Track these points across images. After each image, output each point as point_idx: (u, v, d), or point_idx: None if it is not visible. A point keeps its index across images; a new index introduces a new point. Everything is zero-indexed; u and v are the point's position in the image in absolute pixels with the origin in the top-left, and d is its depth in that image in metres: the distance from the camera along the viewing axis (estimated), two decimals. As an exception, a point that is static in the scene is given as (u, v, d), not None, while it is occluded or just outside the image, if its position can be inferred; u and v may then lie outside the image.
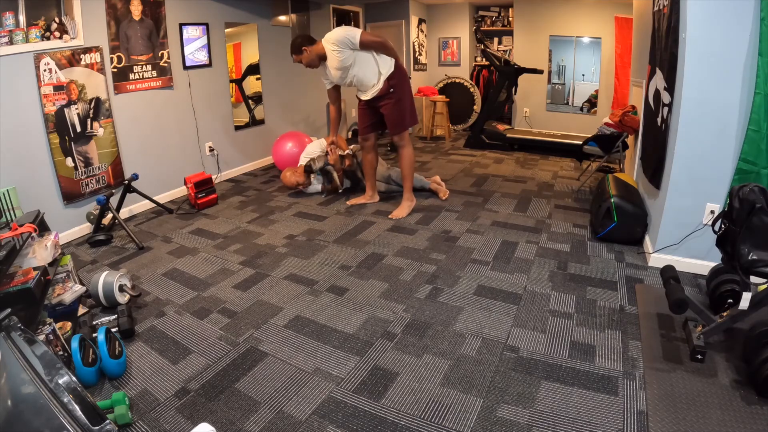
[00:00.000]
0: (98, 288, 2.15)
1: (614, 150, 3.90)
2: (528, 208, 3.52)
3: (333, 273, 2.56)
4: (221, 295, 2.36)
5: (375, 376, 1.73)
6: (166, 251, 2.91)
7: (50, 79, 2.90)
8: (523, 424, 1.49)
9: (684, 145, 2.31)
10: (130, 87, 3.47)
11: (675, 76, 2.35)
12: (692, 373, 1.69)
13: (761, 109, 2.07)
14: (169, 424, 1.53)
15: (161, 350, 1.92)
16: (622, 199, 2.80)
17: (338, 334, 2.00)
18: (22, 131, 2.81)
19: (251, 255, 2.81)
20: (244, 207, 3.72)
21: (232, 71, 4.48)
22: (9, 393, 1.14)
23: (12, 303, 1.58)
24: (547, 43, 6.21)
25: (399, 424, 1.50)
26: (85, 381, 1.68)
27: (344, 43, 3.04)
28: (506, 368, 1.76)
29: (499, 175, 4.53)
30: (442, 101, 6.37)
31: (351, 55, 3.08)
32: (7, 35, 2.67)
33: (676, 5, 2.31)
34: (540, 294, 2.28)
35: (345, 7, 6.07)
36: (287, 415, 1.55)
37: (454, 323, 2.05)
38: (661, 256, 2.49)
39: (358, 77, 3.17)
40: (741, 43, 2.07)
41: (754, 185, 1.62)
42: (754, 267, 1.61)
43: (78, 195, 3.18)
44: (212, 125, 4.30)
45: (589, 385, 1.65)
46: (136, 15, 3.42)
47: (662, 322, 2.00)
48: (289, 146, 4.44)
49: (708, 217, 2.32)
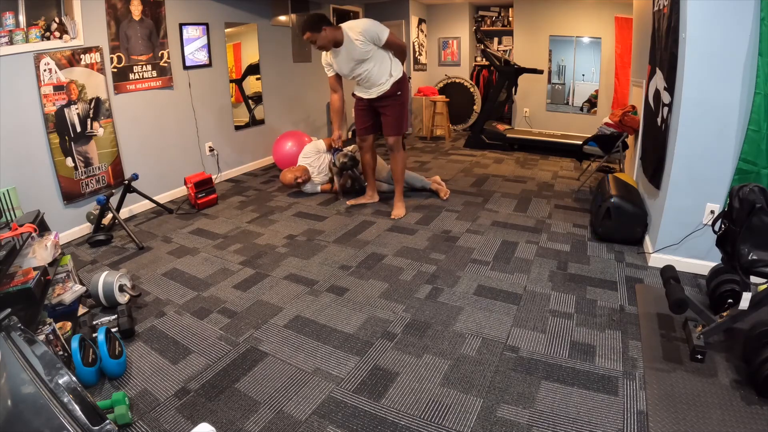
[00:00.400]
0: (98, 288, 2.15)
1: (614, 150, 3.90)
2: (528, 208, 3.52)
3: (333, 273, 2.56)
4: (221, 295, 2.36)
5: (375, 376, 1.73)
6: (166, 251, 2.91)
7: (50, 79, 2.90)
8: (523, 424, 1.49)
9: (684, 145, 2.30)
10: (130, 87, 3.47)
11: (675, 76, 2.35)
12: (692, 373, 1.69)
13: (761, 109, 2.07)
14: (169, 424, 1.53)
15: (161, 350, 1.92)
16: (622, 199, 2.80)
17: (338, 334, 2.00)
18: (22, 131, 2.81)
19: (251, 255, 2.81)
20: (244, 207, 3.72)
21: (232, 71, 4.48)
22: (9, 393, 1.14)
23: (12, 303, 1.58)
24: (547, 43, 6.21)
25: (399, 424, 1.50)
26: (85, 381, 1.68)
27: (371, 36, 2.95)
28: (506, 368, 1.76)
29: (499, 175, 4.53)
30: (442, 101, 6.36)
31: (372, 50, 3.01)
32: (7, 35, 2.67)
33: (676, 5, 2.31)
34: (540, 294, 2.28)
35: (345, 7, 6.07)
36: (287, 415, 1.55)
37: (454, 323, 2.05)
38: (661, 256, 2.49)
39: (370, 73, 3.08)
40: (741, 43, 2.07)
41: (754, 185, 1.62)
42: (754, 267, 1.61)
43: (78, 195, 3.18)
44: (212, 125, 4.30)
45: (589, 385, 1.65)
46: (136, 15, 3.42)
47: (662, 322, 2.00)
48: (289, 145, 4.44)
49: (708, 217, 2.32)
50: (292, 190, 4.08)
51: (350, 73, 3.13)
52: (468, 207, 3.57)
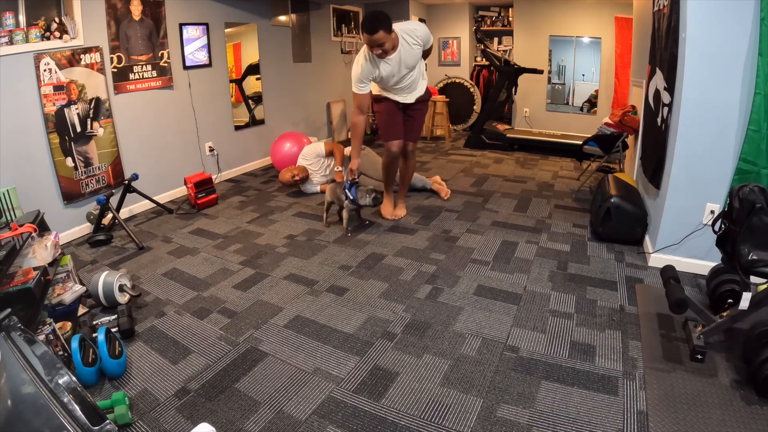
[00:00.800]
0: (98, 288, 2.15)
1: (614, 150, 3.90)
2: (528, 208, 3.52)
3: (333, 273, 2.56)
4: (221, 295, 2.36)
5: (375, 376, 1.73)
6: (166, 251, 2.91)
7: (50, 79, 2.90)
8: (523, 424, 1.49)
9: (684, 145, 2.30)
10: (130, 87, 3.47)
11: (675, 76, 2.35)
12: (692, 373, 1.69)
13: (761, 109, 2.07)
14: (169, 424, 1.53)
15: (161, 350, 1.92)
16: (622, 199, 2.80)
17: (338, 334, 2.00)
18: (22, 131, 2.81)
19: (251, 255, 2.81)
20: (244, 207, 3.72)
21: (232, 71, 4.48)
22: (9, 393, 1.14)
23: (12, 303, 1.58)
24: (547, 43, 6.21)
25: (399, 424, 1.50)
26: (85, 381, 1.68)
27: (426, 40, 2.73)
28: (506, 368, 1.76)
29: (499, 175, 4.53)
30: (442, 101, 6.36)
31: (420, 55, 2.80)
32: (7, 35, 2.67)
33: (676, 5, 2.31)
34: (540, 294, 2.28)
35: (345, 7, 6.07)
36: (287, 415, 1.55)
37: (454, 323, 2.05)
38: (661, 256, 2.49)
39: (414, 78, 2.85)
40: (741, 43, 2.07)
41: (754, 185, 1.62)
42: (754, 267, 1.61)
43: (78, 195, 3.18)
44: (212, 125, 4.29)
45: (589, 385, 1.65)
46: (136, 15, 3.42)
47: (662, 322, 2.00)
48: (288, 147, 4.43)
49: (708, 217, 2.32)
50: (291, 189, 4.08)
51: (398, 81, 2.79)
52: (468, 207, 3.57)
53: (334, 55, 6.05)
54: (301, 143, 4.39)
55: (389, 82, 2.79)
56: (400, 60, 2.66)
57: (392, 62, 2.64)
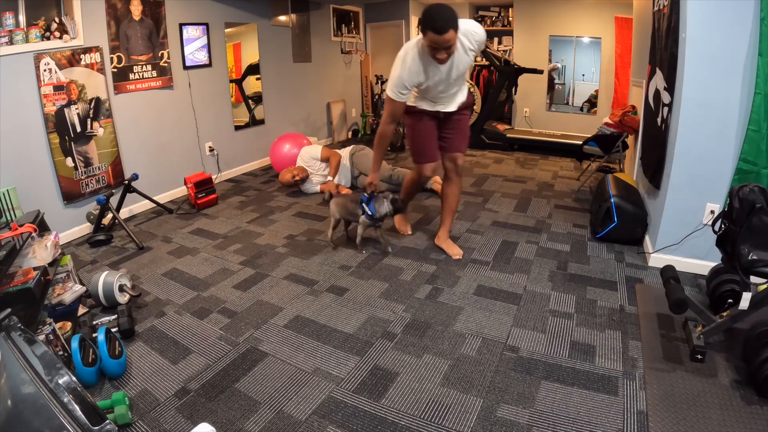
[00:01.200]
0: (98, 288, 2.15)
1: (614, 150, 3.90)
2: (528, 208, 3.52)
3: (333, 273, 2.56)
4: (221, 295, 2.36)
5: (375, 376, 1.73)
6: (166, 251, 2.91)
7: (50, 79, 2.90)
8: (523, 424, 1.49)
9: (684, 145, 2.30)
10: (130, 87, 3.47)
11: (675, 76, 2.35)
12: (692, 373, 1.69)
13: (761, 109, 2.07)
14: (169, 424, 1.53)
15: (161, 350, 1.92)
16: (622, 199, 2.80)
17: (338, 334, 2.00)
18: (22, 131, 2.81)
19: (251, 255, 2.81)
20: (244, 207, 3.72)
21: (232, 71, 4.48)
22: (9, 393, 1.14)
23: (12, 303, 1.58)
24: (547, 43, 6.21)
25: (399, 424, 1.50)
26: (85, 381, 1.68)
27: (480, 47, 2.30)
28: (506, 368, 1.76)
29: (499, 175, 4.53)
30: (442, 101, 6.35)
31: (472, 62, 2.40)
32: (7, 35, 2.67)
33: (676, 5, 2.31)
34: (540, 294, 2.28)
35: (345, 7, 6.07)
36: (287, 415, 1.55)
37: (454, 323, 2.05)
38: (661, 256, 2.49)
39: (459, 85, 2.43)
40: (741, 43, 2.07)
41: (754, 185, 1.62)
42: (754, 267, 1.61)
43: (78, 195, 3.18)
44: (212, 125, 4.29)
45: (589, 385, 1.65)
46: (136, 15, 3.42)
47: (662, 322, 2.00)
48: (287, 148, 4.42)
49: (708, 217, 2.32)
50: (291, 189, 4.08)
51: (446, 89, 2.35)
52: (468, 207, 3.57)
53: (334, 55, 6.04)
54: (300, 145, 4.39)
55: (438, 89, 2.33)
56: (452, 65, 2.20)
57: (444, 68, 2.19)
